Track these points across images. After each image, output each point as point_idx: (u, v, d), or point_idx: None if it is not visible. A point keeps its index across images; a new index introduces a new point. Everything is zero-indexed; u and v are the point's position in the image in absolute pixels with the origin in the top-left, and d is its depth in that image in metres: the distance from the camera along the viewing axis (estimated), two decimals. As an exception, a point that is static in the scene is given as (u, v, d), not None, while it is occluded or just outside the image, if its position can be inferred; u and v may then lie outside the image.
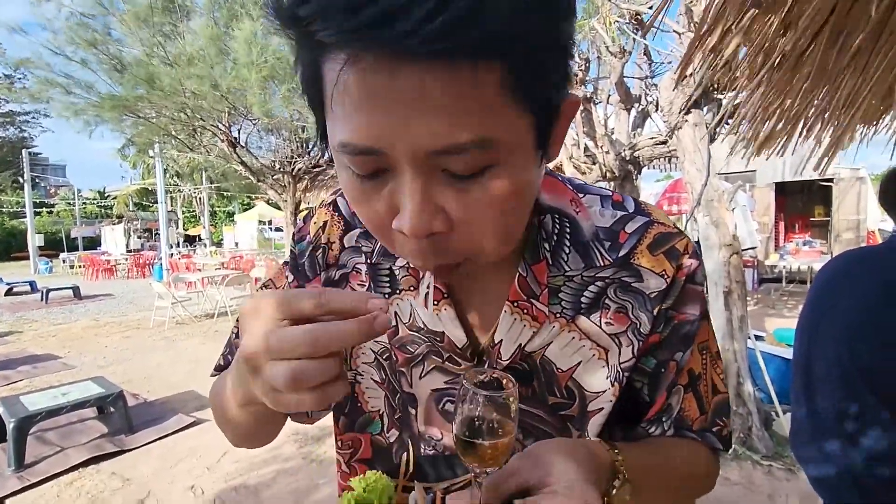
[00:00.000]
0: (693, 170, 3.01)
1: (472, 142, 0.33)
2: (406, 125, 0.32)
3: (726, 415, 0.56)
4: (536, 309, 0.50)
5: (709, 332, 0.56)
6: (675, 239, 0.52)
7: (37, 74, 5.03)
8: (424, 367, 0.53)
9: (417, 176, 0.35)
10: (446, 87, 0.31)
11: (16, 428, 3.03)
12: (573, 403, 0.52)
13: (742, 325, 2.94)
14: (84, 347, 6.32)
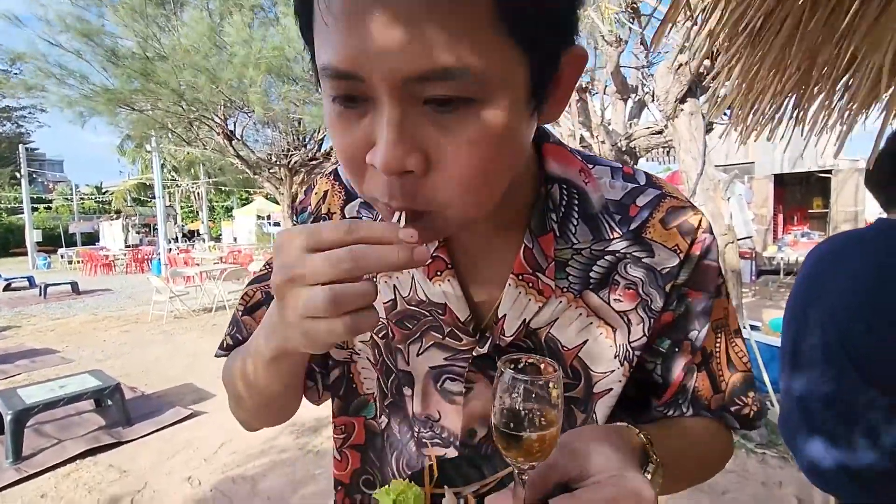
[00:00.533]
0: (689, 159, 3.00)
1: (454, 67, 0.30)
2: (385, 46, 0.30)
3: (746, 393, 0.53)
4: (542, 283, 0.47)
5: (726, 310, 0.53)
6: (688, 213, 0.49)
7: (31, 66, 5.00)
8: (423, 343, 0.51)
9: (395, 105, 0.32)
10: (430, 6, 0.29)
11: (13, 420, 3.04)
12: (578, 384, 0.50)
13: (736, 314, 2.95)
14: (82, 342, 6.33)
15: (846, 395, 0.99)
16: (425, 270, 0.49)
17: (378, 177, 0.35)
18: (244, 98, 5.05)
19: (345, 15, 0.31)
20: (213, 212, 27.92)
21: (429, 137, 0.33)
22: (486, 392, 0.50)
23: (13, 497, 2.70)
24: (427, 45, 0.30)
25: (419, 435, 0.53)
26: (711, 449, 0.54)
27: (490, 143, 0.34)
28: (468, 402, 0.51)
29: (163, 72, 4.58)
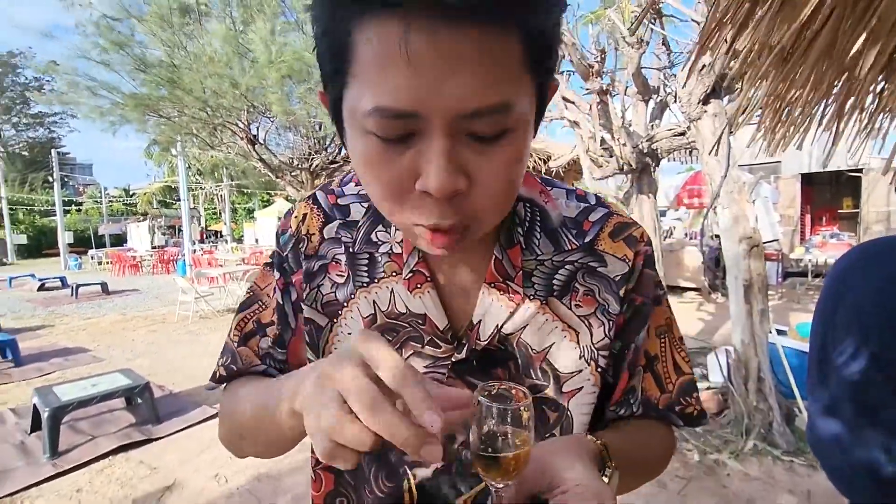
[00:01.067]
0: (713, 161, 2.96)
1: (498, 104, 0.36)
2: (444, 86, 0.34)
3: (691, 394, 0.58)
4: (512, 290, 0.53)
5: (668, 318, 0.59)
6: (631, 227, 0.56)
7: (65, 77, 5.19)
8: (402, 354, 0.54)
9: (446, 137, 0.36)
10: (481, 51, 0.34)
11: (50, 417, 3.16)
12: (548, 385, 0.54)
13: (763, 320, 2.89)
14: (112, 341, 6.53)
15: (874, 401, 0.98)
16: (406, 284, 0.53)
17: (424, 202, 0.39)
18: (266, 102, 5.15)
19: (404, 58, 0.33)
20: (235, 213, 28.46)
21: (471, 161, 0.38)
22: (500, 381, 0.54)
23: (51, 490, 2.82)
24: (479, 87, 0.35)
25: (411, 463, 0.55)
26: (657, 449, 0.58)
27: (518, 162, 0.40)
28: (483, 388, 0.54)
29: (188, 79, 4.72)
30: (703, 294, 7.72)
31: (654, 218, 4.05)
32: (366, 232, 0.56)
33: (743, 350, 2.92)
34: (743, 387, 2.93)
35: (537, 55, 0.37)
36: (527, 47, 0.36)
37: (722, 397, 3.25)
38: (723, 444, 2.89)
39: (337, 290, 0.56)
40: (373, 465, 0.57)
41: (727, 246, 2.94)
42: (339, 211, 0.58)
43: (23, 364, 5.36)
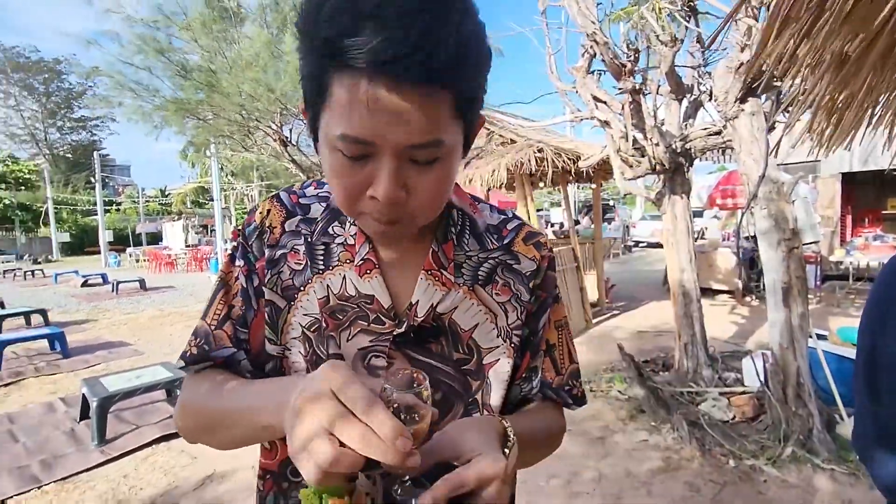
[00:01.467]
0: (750, 161, 2.89)
1: (432, 141, 0.49)
2: (395, 126, 0.47)
3: (577, 380, 0.73)
4: (445, 277, 0.64)
5: (563, 314, 0.74)
6: (539, 236, 0.72)
7: (110, 82, 5.44)
8: (351, 330, 0.63)
9: (392, 160, 0.49)
10: (421, 103, 0.47)
11: (98, 406, 3.33)
12: (472, 359, 0.66)
13: (802, 323, 2.81)
14: (151, 336, 6.80)
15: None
16: (357, 270, 0.64)
17: (374, 203, 0.52)
18: (299, 105, 5.27)
19: (367, 103, 0.46)
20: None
21: (410, 179, 0.52)
22: (405, 365, 0.63)
23: (100, 476, 2.97)
24: (417, 129, 0.48)
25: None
26: (552, 429, 0.71)
27: (445, 180, 0.54)
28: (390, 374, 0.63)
29: (227, 84, 4.88)
30: (737, 297, 7.52)
31: (688, 219, 3.97)
32: (323, 226, 0.67)
33: (781, 354, 2.85)
34: (781, 392, 2.85)
35: (464, 107, 0.51)
36: (455, 101, 0.49)
37: (758, 402, 3.18)
38: (759, 449, 2.82)
39: (294, 276, 0.65)
40: None
41: (765, 247, 2.87)
42: (301, 208, 0.68)
43: (70, 356, 5.65)
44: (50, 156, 38.83)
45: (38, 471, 2.99)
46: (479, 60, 0.51)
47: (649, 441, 3.09)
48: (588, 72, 3.81)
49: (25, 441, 3.41)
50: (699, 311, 3.92)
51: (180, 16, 5.15)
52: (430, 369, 0.64)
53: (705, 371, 3.79)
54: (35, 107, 39.17)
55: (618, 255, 14.88)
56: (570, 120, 4.47)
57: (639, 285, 9.33)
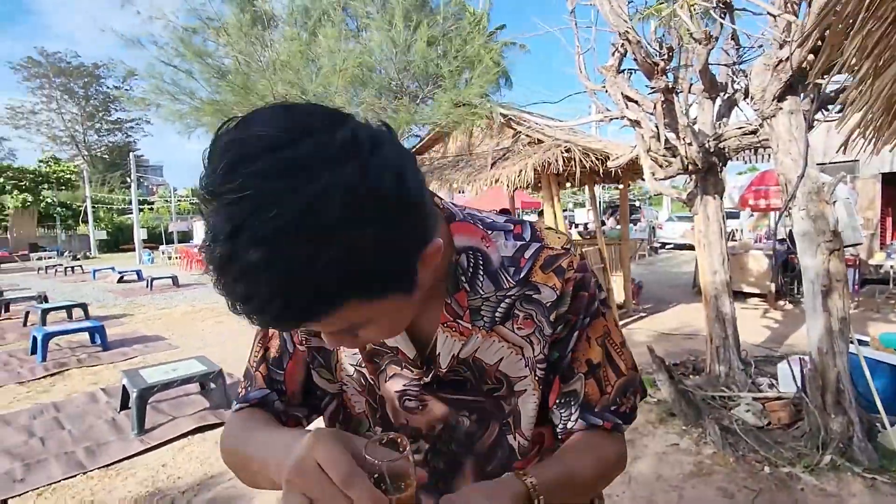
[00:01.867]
0: (788, 160, 2.82)
1: (345, 329, 0.51)
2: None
3: (626, 394, 0.69)
4: (462, 326, 0.65)
5: (606, 327, 0.70)
6: (560, 259, 0.66)
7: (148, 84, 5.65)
8: (387, 374, 0.69)
9: (331, 339, 0.55)
10: (300, 327, 0.57)
11: (138, 397, 3.47)
12: (502, 387, 0.67)
13: (843, 328, 2.72)
14: (184, 330, 7.02)
15: None
16: None
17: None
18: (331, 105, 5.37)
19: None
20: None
21: (349, 341, 0.55)
22: (438, 405, 0.68)
23: (140, 464, 3.09)
24: (320, 328, 0.53)
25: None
26: (604, 456, 0.67)
27: (388, 327, 0.56)
28: (425, 413, 0.70)
29: (261, 86, 5.01)
30: (770, 300, 7.31)
31: (720, 219, 3.89)
32: None
33: (820, 359, 2.77)
34: (820, 398, 2.77)
35: (375, 294, 0.47)
36: (359, 303, 0.46)
37: (795, 408, 3.09)
38: (796, 457, 2.75)
39: None
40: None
41: (804, 249, 2.79)
42: None
43: (110, 348, 5.88)
44: (88, 157, 40.44)
45: (83, 457, 3.14)
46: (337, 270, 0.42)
47: (680, 445, 3.05)
48: (618, 71, 3.77)
49: (71, 429, 3.57)
50: (732, 314, 3.83)
51: (216, 20, 5.31)
52: (461, 402, 0.69)
53: (738, 375, 3.71)
54: (75, 110, 40.84)
55: (644, 257, 14.62)
56: (598, 120, 4.43)
57: (666, 287, 9.15)
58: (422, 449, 0.70)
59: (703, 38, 3.33)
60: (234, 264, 0.39)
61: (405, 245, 0.47)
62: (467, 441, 0.69)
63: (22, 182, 27.98)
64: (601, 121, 4.51)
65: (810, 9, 2.59)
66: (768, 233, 9.93)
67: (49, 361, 5.33)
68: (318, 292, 0.42)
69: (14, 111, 39.14)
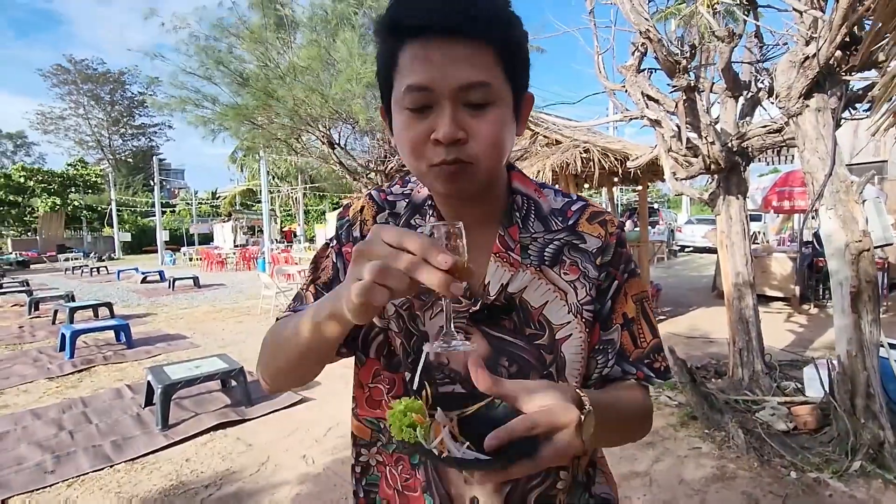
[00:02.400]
0: (815, 159, 2.76)
1: (481, 81, 0.57)
2: (446, 71, 0.57)
3: (660, 353, 0.73)
4: (512, 258, 0.69)
5: (643, 289, 0.75)
6: (604, 214, 0.75)
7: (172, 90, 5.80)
8: (433, 310, 0.70)
9: (449, 104, 0.57)
10: (467, 52, 0.57)
11: (162, 393, 3.54)
12: (544, 334, 0.69)
13: (873, 330, 2.65)
14: (206, 329, 7.15)
15: None
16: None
17: (437, 148, 0.59)
18: (348, 110, 5.45)
19: (425, 59, 0.57)
20: (307, 215, 30.02)
21: (466, 121, 0.58)
22: (481, 341, 0.68)
23: (164, 458, 3.16)
24: (467, 71, 0.57)
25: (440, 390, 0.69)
26: (634, 406, 0.70)
27: (498, 126, 0.60)
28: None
29: (282, 91, 5.11)
30: (793, 304, 7.14)
31: (743, 220, 3.82)
32: (406, 219, 0.74)
33: (849, 362, 2.70)
34: (849, 402, 2.70)
35: (506, 57, 0.59)
36: (499, 53, 0.58)
37: (822, 413, 3.02)
38: (824, 462, 2.68)
39: None
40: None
41: (832, 249, 2.73)
42: (388, 204, 0.76)
43: (134, 346, 6.02)
44: (113, 161, 41.53)
45: (109, 450, 3.22)
46: (511, 22, 0.60)
47: (702, 448, 2.99)
48: (639, 70, 3.74)
49: (98, 423, 3.67)
50: (755, 317, 3.76)
51: (239, 26, 5.43)
52: (503, 344, 0.68)
53: (762, 379, 3.63)
54: (101, 115, 42.04)
55: (662, 260, 14.41)
56: (618, 120, 4.40)
57: (686, 290, 9.00)
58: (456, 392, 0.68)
59: (725, 36, 3.29)
60: None
61: (527, 69, 0.64)
62: None
63: (51, 185, 28.86)
64: (620, 121, 4.47)
65: (838, 4, 2.54)
66: (792, 235, 9.71)
67: (77, 358, 5.48)
68: (508, 17, 0.60)
69: (44, 117, 40.48)
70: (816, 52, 2.63)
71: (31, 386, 4.66)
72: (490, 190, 0.70)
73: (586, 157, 5.19)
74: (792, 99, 2.80)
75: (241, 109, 5.27)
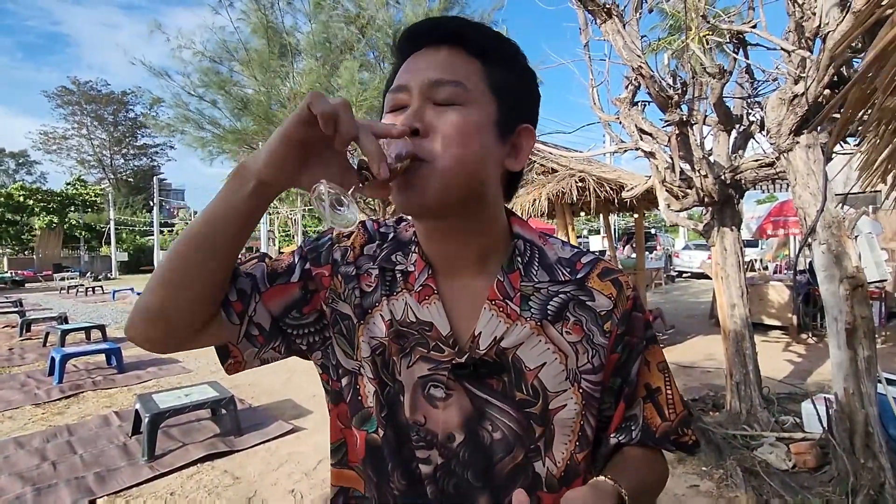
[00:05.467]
0: (806, 195, 2.78)
1: (452, 80, 0.56)
2: (420, 70, 0.58)
3: (689, 426, 0.69)
4: (510, 308, 0.62)
5: (663, 356, 0.71)
6: (617, 273, 0.68)
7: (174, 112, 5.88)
8: (412, 357, 0.63)
9: (418, 100, 0.57)
10: (446, 57, 0.58)
11: (150, 422, 3.47)
12: (537, 402, 0.62)
13: (869, 367, 2.63)
14: (198, 353, 7.03)
15: None
16: (416, 296, 0.64)
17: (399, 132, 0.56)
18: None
19: (407, 64, 0.60)
20: (305, 236, 30.01)
21: (429, 116, 0.56)
22: (463, 401, 0.61)
23: (148, 491, 3.07)
24: (440, 69, 0.57)
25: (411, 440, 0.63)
26: (656, 476, 0.68)
27: (462, 126, 0.56)
28: (447, 407, 0.62)
29: (282, 115, 5.18)
30: (791, 333, 7.10)
31: (738, 252, 3.83)
32: (387, 253, 0.68)
33: (846, 400, 2.66)
34: (848, 441, 2.65)
35: (493, 72, 0.59)
36: (482, 64, 0.58)
37: (821, 450, 2.96)
38: (824, 503, 2.62)
39: (364, 297, 0.67)
40: (389, 462, 0.64)
41: (825, 285, 2.72)
42: (380, 235, 0.71)
43: (125, 371, 5.93)
44: (114, 180, 41.77)
45: (92, 483, 3.13)
46: (500, 40, 0.61)
47: (700, 487, 2.93)
48: (632, 103, 3.80)
49: (82, 453, 3.58)
50: (752, 349, 3.73)
51: (241, 51, 5.54)
52: (488, 407, 0.62)
53: (760, 413, 3.58)
54: (104, 135, 42.49)
55: (660, 286, 14.39)
56: (613, 151, 4.45)
57: (683, 318, 8.96)
58: (433, 461, 0.62)
59: (716, 73, 3.35)
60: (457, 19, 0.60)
61: (528, 100, 0.64)
62: (485, 463, 0.62)
63: (50, 204, 28.93)
64: (615, 152, 4.52)
65: (825, 45, 2.60)
66: (788, 262, 9.73)
67: (65, 383, 5.38)
68: (504, 42, 0.61)
69: (47, 136, 40.88)
70: (805, 90, 2.69)
71: (17, 412, 4.57)
72: (477, 224, 0.62)
73: (582, 186, 5.24)
74: (782, 135, 2.83)
75: (241, 133, 5.33)
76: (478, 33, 0.59)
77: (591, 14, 3.45)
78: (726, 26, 3.31)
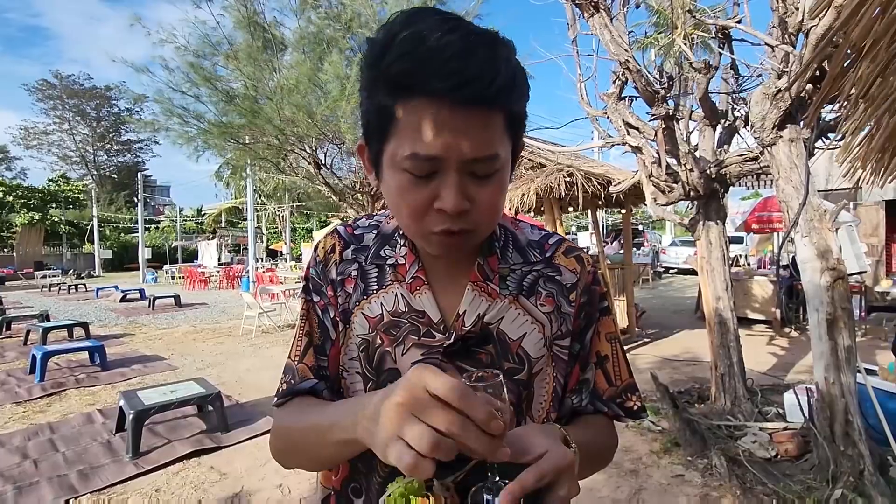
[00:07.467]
0: (789, 188, 2.83)
1: (491, 155, 0.55)
2: (459, 142, 0.53)
3: (634, 393, 0.73)
4: (491, 287, 0.68)
5: (615, 327, 0.76)
6: (579, 250, 0.75)
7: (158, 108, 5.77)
8: (405, 345, 0.66)
9: (457, 174, 0.55)
10: (481, 122, 0.53)
11: (134, 419, 3.42)
12: (523, 369, 0.67)
13: (849, 357, 2.68)
14: (185, 350, 6.98)
15: None
16: (408, 287, 0.68)
17: (441, 216, 0.57)
18: (335, 130, 5.47)
19: (434, 124, 0.52)
20: (294, 233, 29.78)
21: (471, 190, 0.56)
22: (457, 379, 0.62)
23: (133, 488, 3.03)
24: (479, 144, 0.54)
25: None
26: (604, 442, 0.72)
27: (500, 192, 0.59)
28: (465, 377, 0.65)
29: (269, 110, 5.12)
30: (775, 327, 7.23)
31: (723, 245, 3.88)
32: (375, 251, 0.72)
33: (827, 389, 2.71)
34: (828, 429, 2.71)
35: (513, 125, 0.58)
36: (507, 121, 0.56)
37: (803, 439, 3.02)
38: (805, 490, 2.67)
39: (349, 300, 0.71)
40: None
41: (807, 277, 2.77)
42: (355, 238, 0.75)
43: (109, 368, 5.84)
44: (97, 176, 40.99)
45: (75, 480, 3.08)
46: (524, 87, 0.58)
47: (685, 476, 2.97)
48: (619, 98, 3.83)
49: (65, 451, 3.52)
50: (737, 342, 3.78)
51: (225, 45, 5.46)
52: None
53: (744, 404, 3.64)
54: (86, 131, 41.62)
55: (647, 281, 14.55)
56: (601, 146, 4.47)
57: (670, 313, 9.07)
58: (455, 476, 0.65)
59: (702, 68, 3.38)
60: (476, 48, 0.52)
61: (527, 114, 0.62)
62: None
63: (30, 201, 28.31)
64: (603, 146, 4.55)
65: (807, 40, 2.64)
66: (772, 258, 9.89)
67: (47, 381, 5.29)
68: (522, 82, 0.57)
69: (27, 131, 39.94)
70: (788, 85, 2.72)
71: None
72: None
73: (570, 182, 5.26)
74: (766, 130, 2.87)
75: (227, 127, 5.26)
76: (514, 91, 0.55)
77: (578, 8, 3.46)
78: (712, 21, 3.33)
